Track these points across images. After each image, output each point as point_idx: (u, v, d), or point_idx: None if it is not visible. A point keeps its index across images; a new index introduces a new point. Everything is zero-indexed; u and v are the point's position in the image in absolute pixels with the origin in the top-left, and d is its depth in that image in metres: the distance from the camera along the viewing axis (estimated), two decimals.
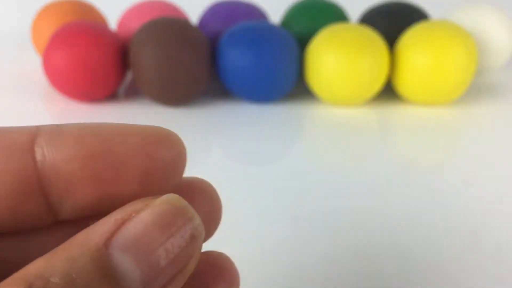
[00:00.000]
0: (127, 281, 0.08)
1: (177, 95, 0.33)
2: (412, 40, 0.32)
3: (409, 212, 0.23)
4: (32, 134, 0.09)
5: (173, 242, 0.08)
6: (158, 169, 0.10)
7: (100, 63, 0.31)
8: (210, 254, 0.12)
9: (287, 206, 0.23)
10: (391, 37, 0.34)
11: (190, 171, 0.12)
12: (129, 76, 0.38)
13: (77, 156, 0.09)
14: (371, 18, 0.36)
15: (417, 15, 0.35)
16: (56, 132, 0.09)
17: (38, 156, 0.09)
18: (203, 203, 0.11)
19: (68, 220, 0.10)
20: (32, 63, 0.41)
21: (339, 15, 0.37)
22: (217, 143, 0.30)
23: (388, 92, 0.35)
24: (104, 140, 0.10)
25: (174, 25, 0.32)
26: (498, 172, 0.26)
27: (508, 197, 0.24)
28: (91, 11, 0.38)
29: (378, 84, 0.32)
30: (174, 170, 0.10)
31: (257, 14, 0.37)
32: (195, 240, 0.09)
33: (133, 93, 0.36)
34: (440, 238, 0.21)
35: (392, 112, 0.34)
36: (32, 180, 0.09)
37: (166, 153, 0.10)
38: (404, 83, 0.33)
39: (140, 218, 0.09)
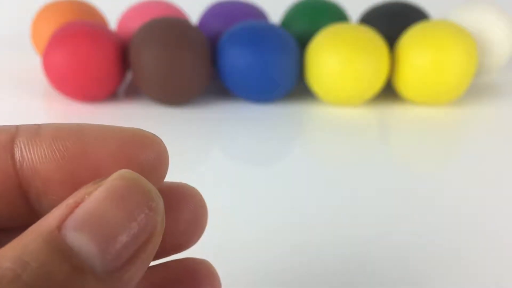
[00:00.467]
0: (85, 258, 0.08)
1: (177, 95, 0.33)
2: (412, 40, 0.32)
3: (409, 212, 0.23)
4: (11, 134, 0.09)
5: (130, 215, 0.08)
6: (138, 172, 0.09)
7: (100, 63, 0.31)
8: (191, 260, 0.12)
9: (286, 206, 0.23)
10: (391, 37, 0.34)
11: (190, 171, 0.12)
12: (129, 76, 0.38)
13: (54, 157, 0.09)
14: (371, 18, 0.36)
15: (417, 15, 0.35)
16: (34, 132, 0.09)
17: (17, 156, 0.09)
18: (188, 209, 0.11)
19: None
20: (32, 63, 0.41)
21: (339, 15, 0.37)
22: (217, 143, 0.30)
23: (388, 92, 0.35)
24: (81, 141, 0.09)
25: (174, 25, 0.32)
26: (498, 172, 0.26)
27: (508, 197, 0.24)
28: (91, 11, 0.38)
29: (378, 84, 0.32)
30: (153, 174, 0.10)
31: (257, 14, 0.37)
32: (153, 211, 0.09)
33: (133, 93, 0.36)
34: (441, 238, 0.21)
35: (392, 112, 0.34)
36: (11, 179, 0.09)
37: (145, 156, 0.10)
38: (404, 83, 0.33)
39: (92, 197, 0.08)
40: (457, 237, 0.21)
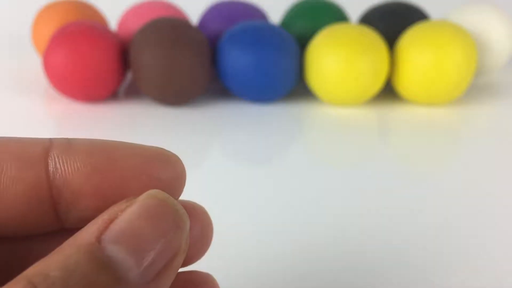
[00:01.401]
0: (123, 269, 0.08)
1: (177, 95, 0.33)
2: (412, 40, 0.32)
3: (409, 212, 0.23)
4: (46, 147, 0.10)
5: (161, 232, 0.09)
6: (158, 188, 0.10)
7: (100, 63, 0.31)
8: (194, 274, 0.12)
9: (286, 206, 0.23)
10: (391, 37, 0.34)
11: (190, 171, 0.12)
12: (129, 76, 0.38)
13: (85, 171, 0.10)
14: (371, 18, 0.36)
15: (417, 15, 0.35)
16: (67, 146, 0.10)
17: (51, 168, 0.10)
18: (196, 227, 0.12)
19: (73, 228, 0.11)
20: (32, 63, 0.41)
21: (339, 15, 0.37)
22: (217, 143, 0.30)
23: (388, 92, 0.35)
24: (110, 158, 0.10)
25: (174, 25, 0.32)
26: (498, 172, 0.26)
27: (508, 197, 0.24)
28: (91, 11, 0.38)
29: (378, 84, 0.32)
30: (172, 190, 0.11)
31: (257, 14, 0.37)
32: (180, 229, 0.09)
33: (133, 93, 0.36)
34: (440, 238, 0.21)
35: (392, 112, 0.34)
36: (43, 189, 0.10)
37: (166, 174, 0.11)
38: (404, 83, 0.33)
39: (126, 213, 0.09)
40: (457, 236, 0.21)
